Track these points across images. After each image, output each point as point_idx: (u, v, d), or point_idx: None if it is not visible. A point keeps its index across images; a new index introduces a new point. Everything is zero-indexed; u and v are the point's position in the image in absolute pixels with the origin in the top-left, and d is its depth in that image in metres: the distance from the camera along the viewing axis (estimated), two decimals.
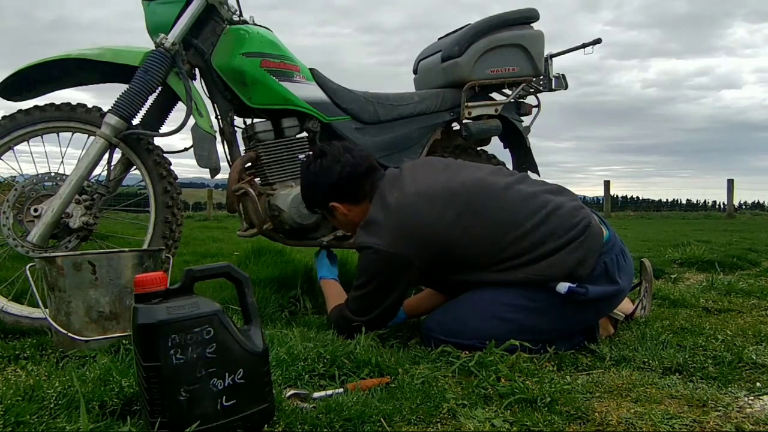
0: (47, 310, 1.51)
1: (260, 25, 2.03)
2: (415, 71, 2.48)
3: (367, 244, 1.52)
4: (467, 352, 1.41)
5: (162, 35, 1.83)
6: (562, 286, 1.46)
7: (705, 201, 22.14)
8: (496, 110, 2.22)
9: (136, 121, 1.88)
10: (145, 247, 1.86)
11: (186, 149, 1.96)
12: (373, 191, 1.62)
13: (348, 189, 1.63)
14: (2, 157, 1.85)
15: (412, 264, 1.51)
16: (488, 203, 1.53)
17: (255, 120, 2.04)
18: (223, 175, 1.99)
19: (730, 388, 1.25)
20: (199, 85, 1.99)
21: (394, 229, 1.51)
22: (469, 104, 2.18)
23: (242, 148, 2.05)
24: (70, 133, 1.88)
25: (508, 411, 1.09)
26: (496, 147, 2.41)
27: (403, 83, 2.53)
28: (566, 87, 2.29)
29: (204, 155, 1.86)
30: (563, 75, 2.28)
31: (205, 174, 1.95)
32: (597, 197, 14.47)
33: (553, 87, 2.27)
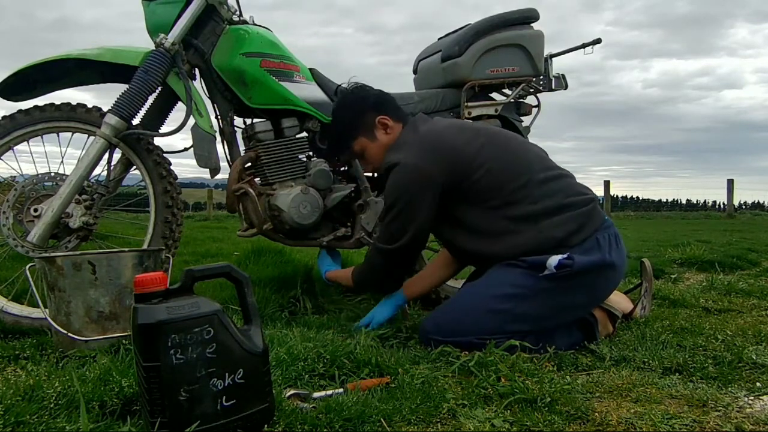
0: (47, 310, 1.51)
1: (260, 25, 2.03)
2: (415, 71, 2.48)
3: (393, 161, 1.59)
4: (467, 353, 1.41)
5: (162, 35, 1.82)
6: (553, 260, 1.47)
7: (705, 201, 22.14)
8: (496, 110, 2.22)
9: (136, 121, 1.88)
10: (145, 247, 1.86)
11: (186, 149, 1.96)
12: (403, 121, 1.73)
13: (391, 102, 1.75)
14: (2, 157, 1.85)
15: (436, 180, 1.55)
16: (510, 144, 1.65)
17: (255, 120, 2.04)
18: (223, 175, 1.99)
19: (730, 388, 1.25)
20: (199, 85, 1.98)
21: (421, 147, 1.59)
22: (469, 104, 2.18)
23: (242, 148, 2.04)
24: (70, 133, 1.88)
25: (508, 411, 1.09)
26: None
27: (405, 83, 2.54)
28: (566, 87, 2.29)
29: (204, 155, 1.86)
30: (563, 75, 2.28)
31: (205, 174, 1.95)
32: (597, 197, 14.49)
33: (553, 87, 2.27)
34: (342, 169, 2.11)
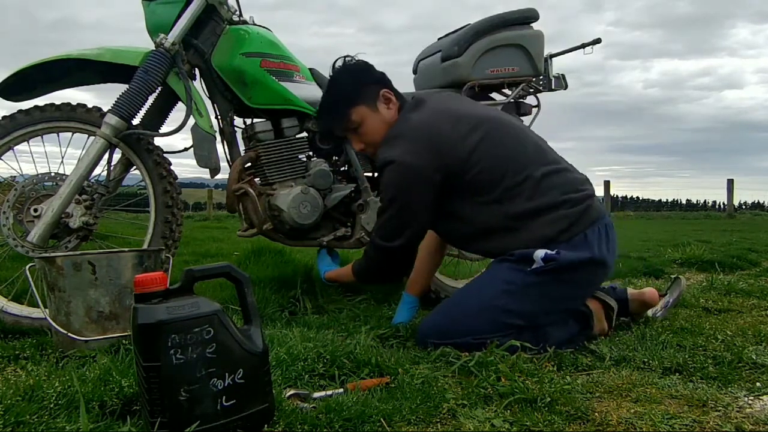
0: (47, 310, 1.51)
1: (260, 25, 2.03)
2: (414, 71, 2.48)
3: (389, 158, 1.55)
4: (467, 354, 1.41)
5: (162, 35, 1.83)
6: (539, 253, 1.48)
7: (705, 201, 22.16)
8: None
9: (136, 121, 1.88)
10: (145, 247, 1.86)
11: (186, 149, 1.96)
12: (401, 102, 1.69)
13: (390, 82, 1.70)
14: (2, 157, 1.85)
15: (434, 178, 1.52)
16: (508, 137, 1.59)
17: (255, 120, 2.04)
18: (223, 175, 1.99)
19: (730, 388, 1.25)
20: (199, 85, 1.99)
21: (416, 142, 1.55)
22: None
23: (242, 148, 2.04)
24: (70, 133, 1.88)
25: (508, 411, 1.09)
26: None
27: (405, 84, 2.53)
28: (566, 87, 2.29)
29: (204, 155, 1.86)
30: (563, 75, 2.28)
31: (205, 174, 1.95)
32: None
33: (553, 87, 2.27)
34: (342, 169, 2.12)
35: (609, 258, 1.58)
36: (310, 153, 2.07)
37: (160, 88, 1.90)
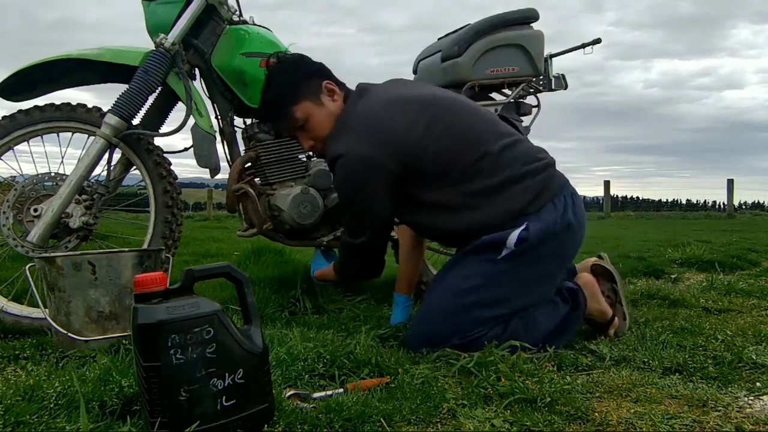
0: (47, 310, 1.51)
1: (260, 25, 2.03)
2: (414, 71, 2.48)
3: (337, 153, 1.48)
4: (467, 355, 1.40)
5: (162, 35, 1.83)
6: (512, 238, 1.46)
7: (705, 201, 22.15)
8: (495, 110, 2.22)
9: (136, 121, 1.88)
10: (145, 247, 1.86)
11: (186, 149, 1.96)
12: (345, 92, 1.63)
13: (331, 72, 1.64)
14: (2, 157, 1.85)
15: (386, 166, 1.46)
16: (457, 117, 1.54)
17: (255, 120, 2.04)
18: (223, 175, 1.99)
19: (730, 388, 1.25)
20: (199, 85, 1.99)
21: (363, 133, 1.49)
22: None
23: (242, 148, 2.04)
24: (70, 133, 1.88)
25: (508, 411, 1.09)
26: None
27: None
28: (566, 87, 2.29)
29: (204, 155, 1.86)
30: (563, 75, 2.28)
31: (205, 174, 1.95)
32: (597, 197, 14.51)
33: (553, 87, 2.27)
34: None
35: (579, 222, 1.55)
36: (310, 153, 2.07)
37: (160, 88, 1.90)
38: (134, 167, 1.93)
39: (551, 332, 1.52)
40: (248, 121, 2.07)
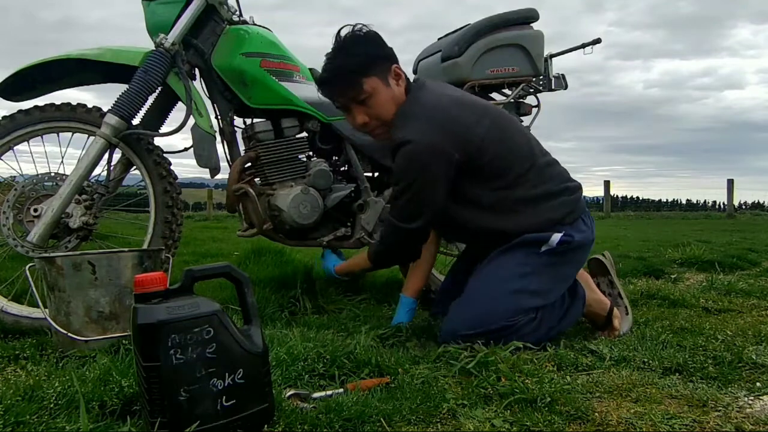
0: (47, 310, 1.51)
1: (260, 25, 2.03)
2: (414, 71, 2.48)
3: (407, 138, 1.52)
4: (467, 355, 1.40)
5: (162, 35, 1.83)
6: (555, 238, 1.58)
7: (705, 201, 22.14)
8: None
9: (136, 121, 1.88)
10: (145, 247, 1.86)
11: (186, 149, 1.96)
12: (406, 83, 1.67)
13: (397, 58, 1.66)
14: (2, 157, 1.85)
15: (452, 154, 1.53)
16: (510, 127, 1.66)
17: (255, 120, 2.04)
18: (223, 175, 1.99)
19: (730, 388, 1.25)
20: (199, 85, 1.99)
21: (432, 122, 1.55)
22: None
23: (242, 148, 2.04)
24: (70, 133, 1.88)
25: (508, 411, 1.09)
26: None
27: None
28: (566, 87, 2.30)
29: (204, 155, 1.86)
30: (563, 75, 2.28)
31: (205, 174, 1.95)
32: (597, 197, 14.51)
33: (553, 87, 2.28)
34: (342, 169, 2.12)
35: (594, 239, 1.73)
36: (310, 153, 2.07)
37: (160, 88, 1.90)
38: (134, 167, 1.93)
39: (560, 320, 1.63)
40: (248, 121, 2.07)
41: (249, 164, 1.99)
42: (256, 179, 2.01)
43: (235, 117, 2.03)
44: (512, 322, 1.50)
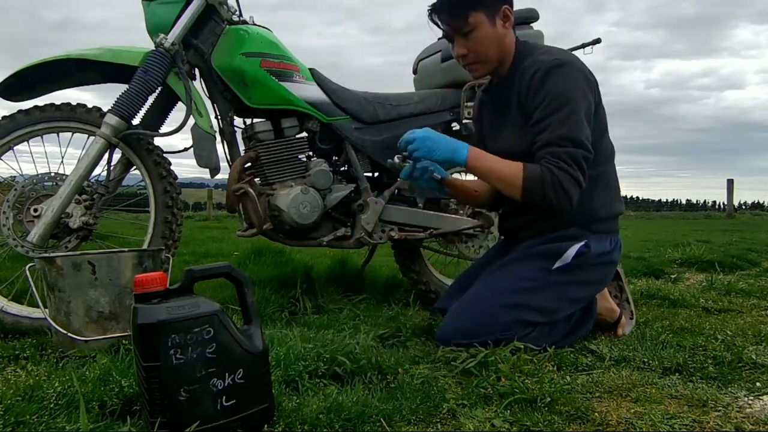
0: (47, 310, 1.51)
1: (260, 25, 2.03)
2: (414, 71, 2.48)
3: (561, 60, 1.52)
4: (467, 355, 1.39)
5: (162, 35, 1.82)
6: (571, 251, 1.55)
7: (705, 201, 22.17)
8: None
9: (136, 122, 1.88)
10: (145, 247, 1.86)
11: (186, 149, 1.96)
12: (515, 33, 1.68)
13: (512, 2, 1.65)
14: (2, 157, 1.85)
15: (591, 93, 1.54)
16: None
17: (255, 120, 2.04)
18: (223, 175, 1.99)
19: (730, 388, 1.25)
20: (199, 85, 1.98)
21: (575, 57, 1.58)
22: (469, 104, 2.18)
23: (242, 148, 2.04)
24: (70, 133, 1.88)
25: (508, 411, 1.09)
26: None
27: (409, 84, 2.52)
28: None
29: (204, 155, 1.86)
30: None
31: (205, 174, 1.95)
32: None
33: None
34: (342, 169, 2.12)
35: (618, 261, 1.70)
36: (310, 153, 2.07)
37: (160, 88, 1.90)
38: (134, 167, 1.92)
39: (565, 336, 1.58)
40: (248, 121, 2.07)
41: (249, 164, 1.99)
42: (256, 179, 2.01)
43: (235, 117, 2.03)
44: (507, 336, 1.46)
